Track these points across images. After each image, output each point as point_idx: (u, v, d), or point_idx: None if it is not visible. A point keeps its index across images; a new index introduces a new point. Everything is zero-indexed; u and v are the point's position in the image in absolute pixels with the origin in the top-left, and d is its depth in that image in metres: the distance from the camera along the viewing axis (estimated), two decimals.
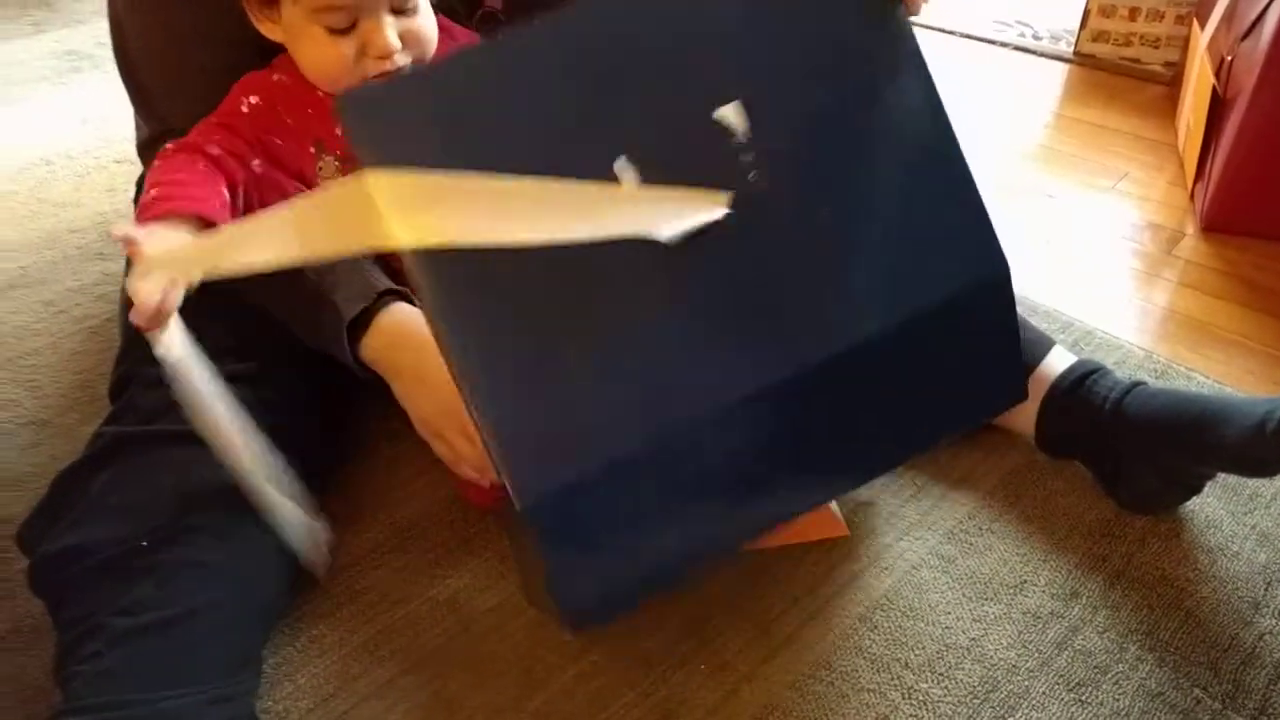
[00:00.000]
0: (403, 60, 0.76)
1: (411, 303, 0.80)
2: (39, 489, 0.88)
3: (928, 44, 0.65)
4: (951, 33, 1.90)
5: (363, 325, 0.77)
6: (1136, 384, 0.82)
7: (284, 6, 0.73)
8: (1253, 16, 1.22)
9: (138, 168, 1.40)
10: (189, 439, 0.73)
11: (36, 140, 1.51)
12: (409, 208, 0.53)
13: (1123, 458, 0.82)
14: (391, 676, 0.73)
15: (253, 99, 0.78)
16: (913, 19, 0.65)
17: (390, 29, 0.74)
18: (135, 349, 0.81)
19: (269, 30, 0.77)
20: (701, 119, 0.60)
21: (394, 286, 0.79)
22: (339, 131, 0.77)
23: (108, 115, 1.58)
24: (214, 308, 0.81)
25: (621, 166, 0.58)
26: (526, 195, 0.56)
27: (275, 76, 0.79)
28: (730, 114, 0.60)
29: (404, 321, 0.77)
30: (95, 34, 1.89)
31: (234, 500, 0.72)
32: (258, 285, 0.79)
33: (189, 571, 0.67)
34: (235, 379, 0.77)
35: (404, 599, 0.78)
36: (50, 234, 1.27)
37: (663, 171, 0.58)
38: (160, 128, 0.81)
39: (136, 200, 1.01)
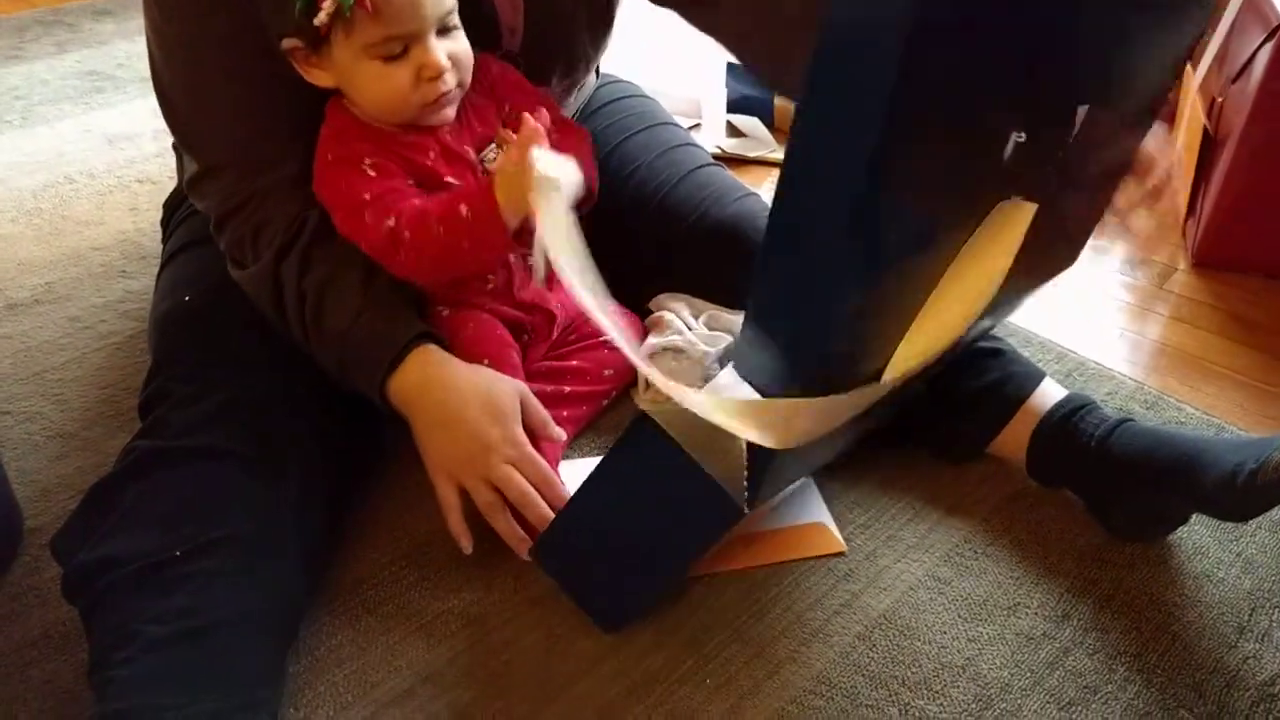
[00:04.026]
0: (451, 80, 0.79)
1: (441, 344, 0.83)
2: (65, 500, 0.92)
3: None
4: None
5: (392, 365, 0.80)
6: (1123, 420, 0.85)
7: (335, 49, 0.76)
8: (1242, 60, 1.26)
9: (159, 187, 1.45)
10: (218, 454, 0.77)
11: (59, 159, 1.55)
12: None
13: (1107, 493, 0.85)
14: (409, 686, 0.75)
15: (368, 160, 0.81)
16: None
17: (439, 50, 0.78)
18: (165, 367, 0.85)
19: (317, 78, 0.80)
20: (1068, 109, 0.64)
21: (427, 329, 0.82)
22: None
23: (130, 135, 1.62)
24: (243, 324, 0.85)
25: (1017, 137, 0.61)
26: None
27: (360, 144, 0.82)
28: (1081, 115, 0.64)
29: (433, 364, 0.80)
30: (116, 55, 1.93)
31: (260, 514, 0.75)
32: (287, 319, 0.83)
33: (218, 582, 0.70)
34: (263, 396, 0.81)
35: (420, 611, 0.81)
36: (74, 251, 1.31)
37: (1031, 146, 0.62)
38: (205, 163, 0.84)
39: (165, 223, 1.05)
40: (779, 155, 1.53)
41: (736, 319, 0.93)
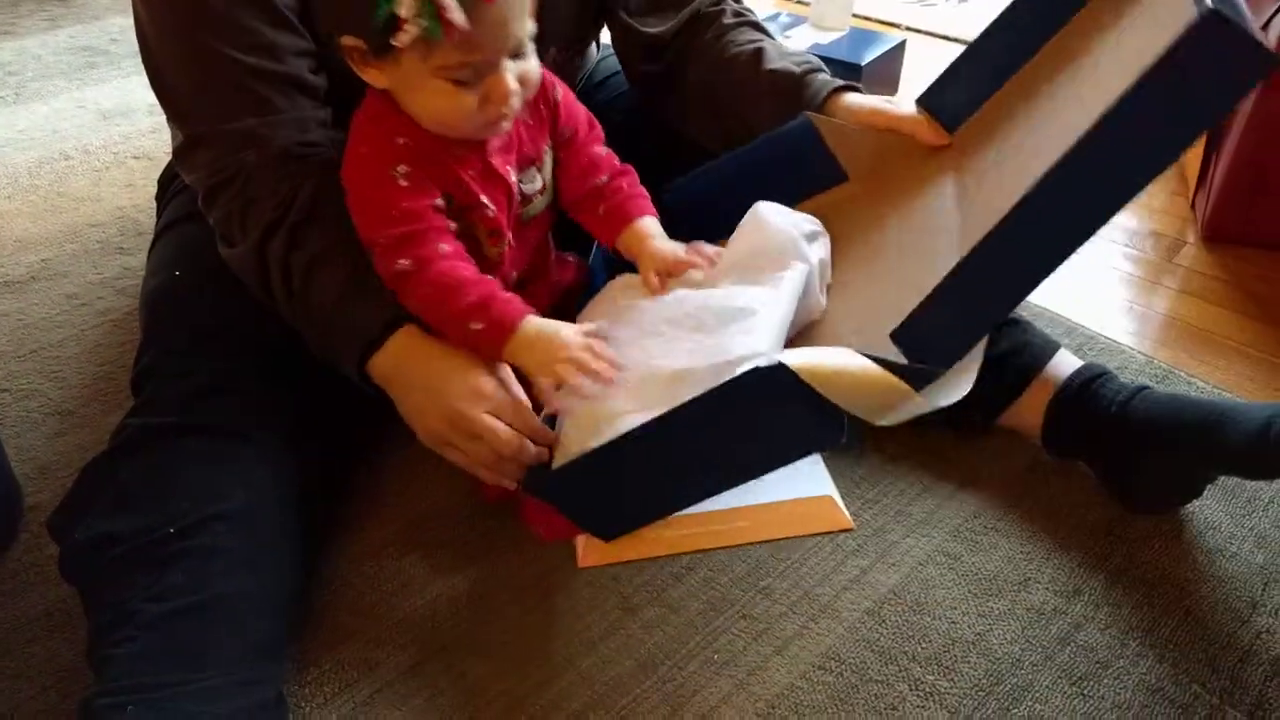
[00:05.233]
0: (517, 104, 0.76)
1: (420, 325, 0.81)
2: (65, 477, 0.91)
3: (934, 54, 0.69)
4: (957, 40, 1.92)
5: (372, 345, 0.78)
6: (1142, 388, 0.85)
7: (405, 61, 0.72)
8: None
9: (155, 163, 1.44)
10: (211, 430, 0.75)
11: (54, 135, 1.53)
12: None
13: (1126, 460, 0.84)
14: (413, 664, 0.75)
15: (402, 168, 0.77)
16: (915, 28, 0.72)
17: (511, 75, 0.74)
18: (155, 343, 0.83)
19: (373, 78, 0.76)
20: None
21: (406, 315, 0.79)
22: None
23: (125, 111, 1.60)
24: (236, 300, 0.83)
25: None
26: None
27: (400, 140, 0.77)
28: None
29: (413, 341, 0.78)
30: (110, 30, 1.91)
31: (255, 489, 0.74)
32: (274, 296, 0.81)
33: (215, 559, 0.69)
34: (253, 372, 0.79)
35: (423, 589, 0.80)
36: (70, 228, 1.29)
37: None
38: (191, 132, 0.82)
39: (159, 198, 1.03)
40: None
41: None
